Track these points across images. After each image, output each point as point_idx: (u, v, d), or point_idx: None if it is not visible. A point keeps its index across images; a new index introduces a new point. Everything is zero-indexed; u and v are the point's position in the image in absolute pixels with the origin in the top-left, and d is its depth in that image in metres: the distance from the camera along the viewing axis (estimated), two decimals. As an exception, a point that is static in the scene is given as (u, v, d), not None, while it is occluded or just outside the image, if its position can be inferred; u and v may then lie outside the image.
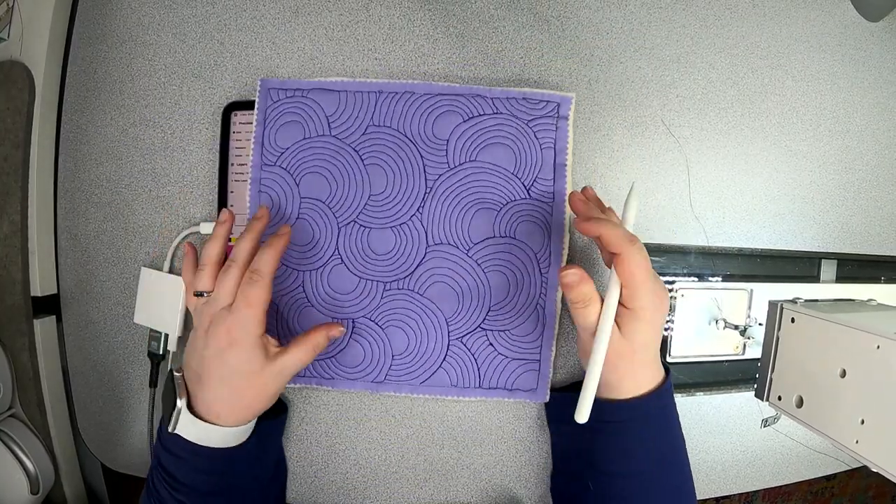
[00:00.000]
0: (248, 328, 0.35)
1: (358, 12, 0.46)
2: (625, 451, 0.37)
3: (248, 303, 0.35)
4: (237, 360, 0.35)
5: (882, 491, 1.33)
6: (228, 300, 0.36)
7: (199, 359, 0.36)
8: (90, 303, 0.49)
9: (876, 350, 0.36)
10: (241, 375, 0.36)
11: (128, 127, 0.48)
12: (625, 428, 0.37)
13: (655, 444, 0.37)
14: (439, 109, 0.43)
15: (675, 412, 0.39)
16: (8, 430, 0.49)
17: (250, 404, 0.37)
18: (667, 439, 0.38)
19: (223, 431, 0.36)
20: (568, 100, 0.43)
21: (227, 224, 0.40)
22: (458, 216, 0.43)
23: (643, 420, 0.37)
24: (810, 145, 0.48)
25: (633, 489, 0.37)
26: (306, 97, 0.44)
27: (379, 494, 0.48)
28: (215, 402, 0.36)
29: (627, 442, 0.37)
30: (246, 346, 0.35)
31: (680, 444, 0.39)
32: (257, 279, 0.36)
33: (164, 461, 0.37)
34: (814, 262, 0.50)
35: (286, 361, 0.37)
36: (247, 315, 0.35)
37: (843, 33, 0.48)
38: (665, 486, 0.38)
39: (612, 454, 0.37)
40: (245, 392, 0.36)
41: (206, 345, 0.36)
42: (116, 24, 0.47)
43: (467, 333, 0.44)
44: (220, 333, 0.35)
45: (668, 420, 0.38)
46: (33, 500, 0.48)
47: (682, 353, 0.48)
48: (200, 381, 0.36)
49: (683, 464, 0.39)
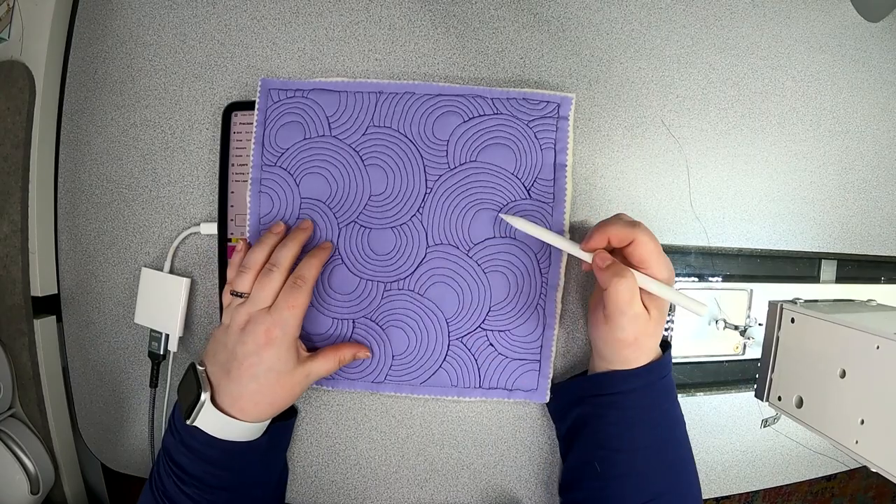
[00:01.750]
0: (287, 329, 0.38)
1: (358, 13, 0.46)
2: (631, 424, 0.38)
3: (291, 304, 0.38)
4: (272, 359, 0.37)
5: (882, 491, 1.33)
6: (268, 302, 0.38)
7: (229, 354, 0.37)
8: (90, 303, 0.49)
9: (876, 350, 0.36)
10: (273, 373, 0.37)
11: (128, 127, 0.48)
12: (627, 398, 0.38)
13: (658, 417, 0.39)
14: (439, 110, 0.43)
15: (674, 385, 0.40)
16: (8, 430, 0.49)
17: (274, 401, 0.39)
18: (669, 412, 0.39)
19: (242, 426, 0.38)
20: (568, 100, 0.43)
21: (279, 235, 0.41)
22: (458, 216, 0.43)
23: (649, 388, 0.38)
24: (810, 145, 0.48)
25: (638, 464, 0.38)
26: (307, 97, 0.44)
27: (379, 494, 0.48)
28: (242, 396, 0.37)
29: (632, 414, 0.38)
30: (283, 346, 0.38)
31: (680, 418, 0.40)
32: (301, 284, 0.38)
33: (173, 452, 0.38)
34: (814, 263, 0.50)
35: (314, 367, 0.40)
36: (288, 316, 0.37)
37: (843, 33, 0.48)
38: (669, 460, 0.39)
39: (618, 428, 0.38)
40: (273, 389, 0.38)
41: (241, 341, 0.37)
42: (116, 24, 0.47)
43: (467, 333, 0.44)
44: (260, 332, 0.37)
45: (669, 391, 0.40)
46: (33, 500, 0.48)
47: (682, 353, 0.48)
48: (229, 375, 0.37)
49: (685, 437, 0.40)
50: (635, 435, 0.38)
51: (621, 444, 0.38)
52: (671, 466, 0.39)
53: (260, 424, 0.39)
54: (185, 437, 0.37)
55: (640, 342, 0.37)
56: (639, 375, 0.38)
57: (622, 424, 0.38)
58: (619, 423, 0.38)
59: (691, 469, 0.40)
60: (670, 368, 0.40)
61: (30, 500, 0.48)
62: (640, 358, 0.38)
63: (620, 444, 0.38)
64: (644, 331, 0.37)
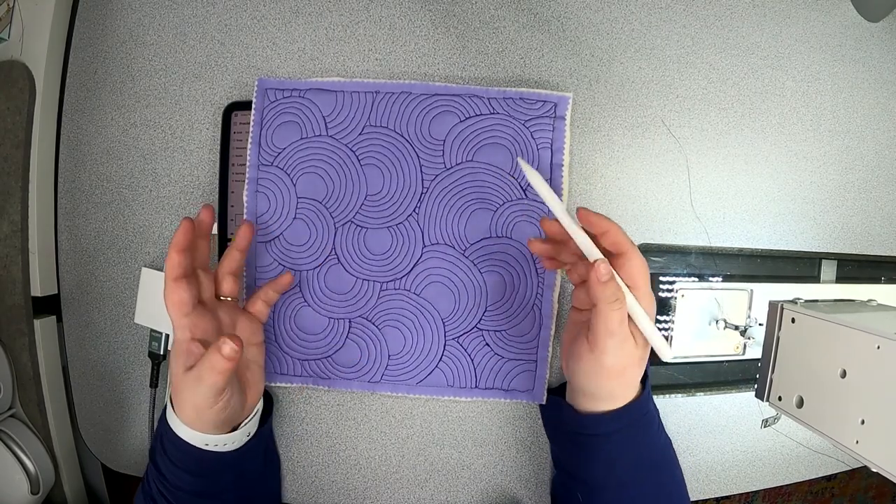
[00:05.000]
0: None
1: (358, 13, 0.46)
2: (610, 462, 0.37)
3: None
4: None
5: (882, 491, 1.33)
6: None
7: None
8: (90, 303, 0.49)
9: (876, 350, 0.36)
10: None
11: (128, 127, 0.48)
12: (610, 440, 0.37)
13: (641, 451, 0.38)
14: (436, 110, 0.43)
15: (657, 415, 0.39)
16: (8, 430, 0.49)
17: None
18: (654, 444, 0.38)
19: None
20: (565, 100, 0.43)
21: None
22: (454, 216, 0.43)
23: (632, 427, 0.37)
24: (810, 145, 0.48)
25: (622, 499, 0.37)
26: (303, 97, 0.44)
27: (379, 494, 0.48)
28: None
29: (612, 452, 0.37)
30: None
31: (666, 444, 0.39)
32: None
33: (156, 457, 0.38)
34: (814, 263, 0.50)
35: None
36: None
37: (843, 33, 0.48)
38: (656, 491, 0.38)
39: (597, 466, 0.37)
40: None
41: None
42: (116, 24, 0.47)
43: (463, 334, 0.44)
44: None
45: (650, 425, 0.38)
46: (33, 500, 0.48)
47: (683, 353, 0.48)
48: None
49: (672, 465, 0.39)
50: (619, 472, 0.37)
51: (606, 482, 0.37)
52: (658, 498, 0.38)
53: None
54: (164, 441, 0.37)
55: (627, 374, 0.35)
56: (620, 418, 0.36)
57: (605, 463, 0.37)
58: (603, 461, 0.37)
59: (681, 493, 0.39)
60: (651, 399, 0.38)
61: (30, 500, 0.48)
62: (626, 393, 0.36)
63: (605, 481, 0.37)
64: (630, 359, 0.34)
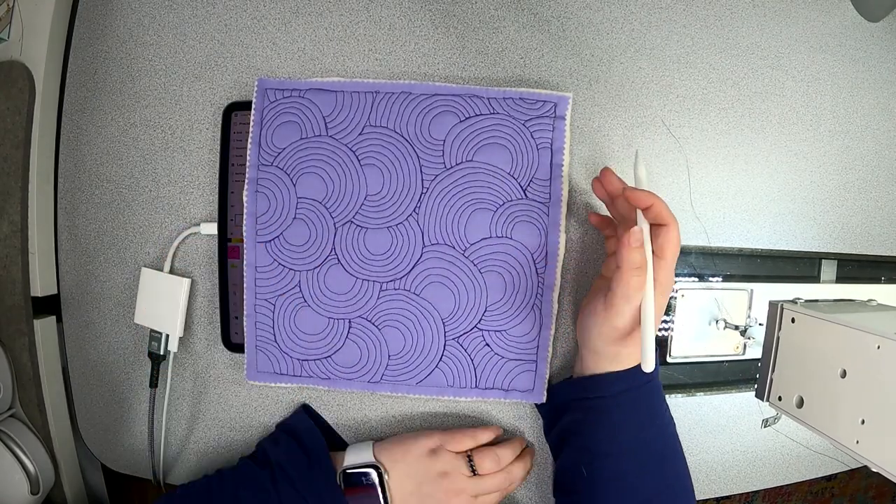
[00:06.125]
0: None
1: (358, 13, 0.46)
2: (618, 428, 0.38)
3: None
4: None
5: (882, 491, 1.33)
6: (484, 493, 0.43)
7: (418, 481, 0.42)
8: (90, 303, 0.49)
9: (876, 350, 0.36)
10: None
11: (128, 127, 0.48)
12: (615, 401, 0.38)
13: (646, 420, 0.38)
14: (436, 110, 0.43)
15: (661, 387, 0.40)
16: (8, 430, 0.49)
17: None
18: (657, 413, 0.39)
19: None
20: (565, 100, 0.43)
21: None
22: (454, 216, 0.43)
23: (635, 391, 0.38)
24: (810, 145, 0.48)
25: (625, 468, 0.37)
26: (303, 97, 0.44)
27: (378, 494, 0.48)
28: None
29: (619, 417, 0.38)
30: None
31: (669, 418, 0.40)
32: None
33: None
34: (814, 263, 0.50)
35: None
36: None
37: (843, 33, 0.48)
38: (658, 461, 0.38)
39: (605, 432, 0.38)
40: None
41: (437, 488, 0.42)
42: (116, 24, 0.47)
43: (463, 334, 0.44)
44: None
45: (653, 395, 0.39)
46: (33, 500, 0.48)
47: (683, 353, 0.48)
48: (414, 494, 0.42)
49: (675, 440, 0.40)
50: (622, 438, 0.38)
51: (609, 448, 0.38)
52: (661, 468, 0.38)
53: None
54: None
55: (635, 336, 0.37)
56: (625, 378, 0.38)
57: (609, 428, 0.38)
58: (606, 426, 0.38)
59: (682, 469, 0.39)
60: (658, 371, 0.39)
61: (30, 500, 0.48)
62: (630, 357, 0.38)
63: (609, 447, 0.38)
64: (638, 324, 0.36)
